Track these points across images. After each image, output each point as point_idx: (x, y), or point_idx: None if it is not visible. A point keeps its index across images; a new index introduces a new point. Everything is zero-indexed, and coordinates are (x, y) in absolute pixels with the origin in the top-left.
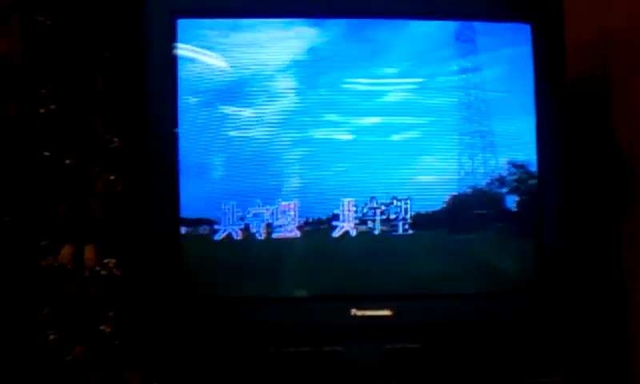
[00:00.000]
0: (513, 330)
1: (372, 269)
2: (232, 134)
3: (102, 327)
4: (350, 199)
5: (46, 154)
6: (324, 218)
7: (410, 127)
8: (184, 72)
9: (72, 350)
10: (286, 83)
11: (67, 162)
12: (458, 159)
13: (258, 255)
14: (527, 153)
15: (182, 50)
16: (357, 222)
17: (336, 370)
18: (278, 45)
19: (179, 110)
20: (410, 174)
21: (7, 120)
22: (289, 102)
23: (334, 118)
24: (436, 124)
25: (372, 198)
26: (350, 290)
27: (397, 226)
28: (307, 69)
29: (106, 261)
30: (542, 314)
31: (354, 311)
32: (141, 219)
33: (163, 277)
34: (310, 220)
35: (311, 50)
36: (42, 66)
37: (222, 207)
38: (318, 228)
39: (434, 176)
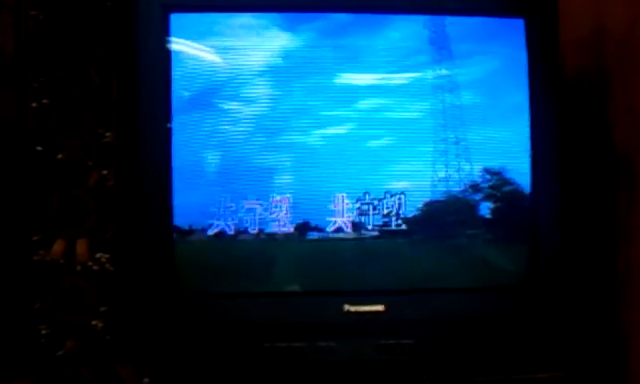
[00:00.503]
0: (506, 325)
1: (365, 264)
2: (225, 128)
3: (93, 322)
4: (343, 194)
5: (38, 148)
6: (317, 213)
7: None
8: (177, 66)
9: (64, 345)
10: (279, 78)
11: (59, 156)
12: (448, 160)
13: (251, 250)
14: (516, 152)
15: (175, 44)
16: (350, 217)
17: (329, 366)
18: (271, 39)
19: (172, 104)
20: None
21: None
22: (283, 96)
23: (326, 113)
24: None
25: (365, 193)
26: (343, 286)
27: (390, 221)
28: (302, 64)
29: (98, 256)
30: (534, 309)
31: (347, 307)
32: (133, 214)
33: (155, 272)
34: (303, 215)
35: (304, 47)
36: (35, 60)
37: (215, 202)
38: (311, 223)
39: (422, 179)
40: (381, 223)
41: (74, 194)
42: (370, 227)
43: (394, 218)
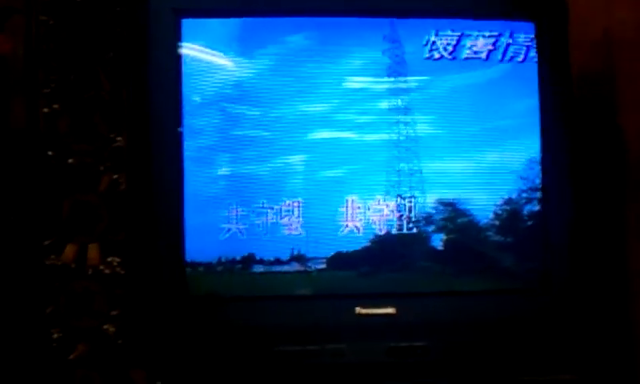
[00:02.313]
0: (518, 327)
1: (376, 267)
2: (236, 133)
3: (105, 326)
4: (355, 197)
5: (50, 153)
6: (328, 215)
7: None
8: (188, 71)
9: (75, 349)
10: (289, 84)
11: (71, 161)
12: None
13: (262, 254)
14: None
15: (186, 49)
16: (361, 220)
17: (340, 369)
18: (282, 44)
19: (183, 108)
20: None
21: (11, 119)
22: (292, 101)
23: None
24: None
25: (377, 196)
26: (354, 289)
27: (401, 224)
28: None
29: (109, 260)
30: (547, 312)
31: (358, 309)
32: (144, 218)
33: (167, 276)
34: (315, 218)
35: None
36: (45, 66)
37: (227, 206)
38: (322, 226)
39: None
40: (393, 225)
41: (85, 199)
42: (381, 229)
43: (405, 221)
